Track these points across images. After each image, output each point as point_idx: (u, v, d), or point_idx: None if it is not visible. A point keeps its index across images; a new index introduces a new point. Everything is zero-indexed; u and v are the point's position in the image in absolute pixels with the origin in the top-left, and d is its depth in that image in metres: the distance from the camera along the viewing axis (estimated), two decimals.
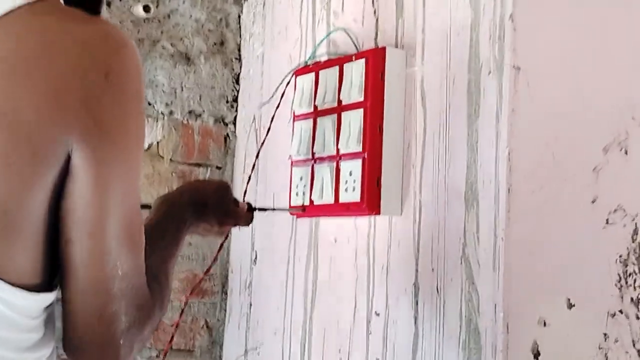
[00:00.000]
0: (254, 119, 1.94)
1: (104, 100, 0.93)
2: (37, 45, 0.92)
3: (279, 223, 1.80)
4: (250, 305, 1.89)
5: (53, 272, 0.97)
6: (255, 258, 1.88)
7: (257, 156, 1.71)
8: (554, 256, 1.33)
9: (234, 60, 2.01)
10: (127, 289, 0.98)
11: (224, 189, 1.41)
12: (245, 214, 1.43)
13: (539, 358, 1.30)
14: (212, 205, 1.36)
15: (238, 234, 1.91)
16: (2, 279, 0.91)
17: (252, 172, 1.71)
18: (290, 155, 1.75)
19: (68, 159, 0.92)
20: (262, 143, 1.70)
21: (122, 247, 0.96)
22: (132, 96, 0.97)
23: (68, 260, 0.95)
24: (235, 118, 2.01)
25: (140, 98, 0.98)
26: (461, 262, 1.36)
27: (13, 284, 0.92)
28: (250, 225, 1.47)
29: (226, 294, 1.97)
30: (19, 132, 0.90)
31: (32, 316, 0.95)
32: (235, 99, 2.01)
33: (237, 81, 2.01)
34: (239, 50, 2.01)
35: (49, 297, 0.96)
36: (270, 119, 1.70)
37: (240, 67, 2.01)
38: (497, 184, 1.31)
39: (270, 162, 1.82)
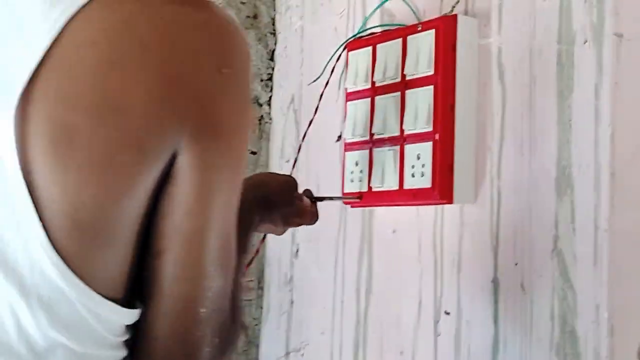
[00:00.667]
0: (293, 99, 1.78)
1: (218, 97, 0.81)
2: (149, 31, 0.78)
3: (325, 213, 1.64)
4: (292, 302, 1.73)
5: (132, 289, 0.82)
6: (297, 251, 1.72)
7: (303, 138, 1.55)
8: None
9: (268, 35, 1.85)
10: (215, 312, 0.84)
11: (291, 184, 1.27)
12: (310, 211, 1.30)
13: None
14: (279, 203, 1.23)
15: None
16: (92, 289, 0.77)
17: (298, 155, 1.55)
18: (340, 138, 1.60)
19: (172, 160, 0.79)
20: (310, 123, 1.53)
21: (217, 264, 0.83)
22: (245, 93, 0.85)
23: (157, 274, 0.82)
24: (270, 99, 1.85)
25: (251, 96, 0.84)
26: (552, 257, 1.21)
27: (103, 296, 0.78)
28: None
29: (262, 289, 1.81)
30: (125, 129, 0.76)
31: (117, 333, 0.79)
32: (270, 78, 1.84)
33: (272, 58, 1.85)
34: (274, 24, 1.85)
35: (135, 314, 0.81)
36: (318, 98, 1.54)
37: (276, 43, 1.84)
38: (597, 168, 1.16)
39: (312, 147, 1.66)
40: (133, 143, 0.78)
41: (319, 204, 1.36)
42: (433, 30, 1.34)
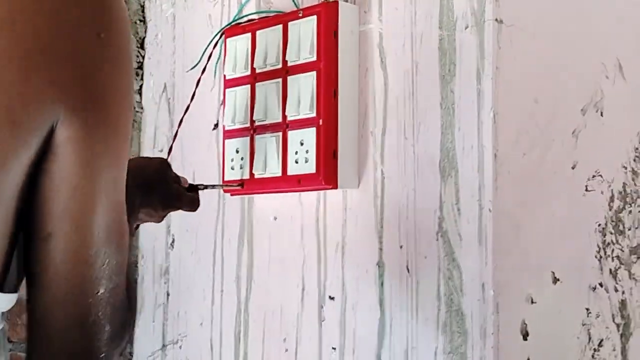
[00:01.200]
0: (165, 87, 1.75)
1: (98, 63, 0.76)
2: None
3: (203, 201, 1.61)
4: (168, 294, 1.70)
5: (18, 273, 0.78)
6: (173, 242, 1.69)
7: (179, 125, 1.52)
8: (539, 227, 1.23)
9: (138, 22, 1.80)
10: (112, 291, 0.80)
11: (166, 166, 1.27)
12: (189, 196, 1.31)
13: (528, 339, 1.20)
14: (157, 185, 1.23)
15: None
16: None
17: (173, 143, 1.53)
18: (216, 127, 1.58)
19: (50, 134, 0.74)
20: (186, 111, 1.51)
21: (110, 241, 0.79)
22: (127, 59, 0.79)
23: (48, 258, 0.77)
24: (140, 87, 1.81)
25: (132, 64, 0.80)
26: (437, 238, 1.23)
27: None
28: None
29: (136, 282, 1.77)
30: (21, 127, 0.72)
31: None
32: (141, 66, 1.80)
33: (142, 46, 1.81)
34: (143, 11, 1.81)
35: (12, 299, 0.77)
36: (194, 85, 1.51)
37: (146, 31, 1.81)
38: (480, 150, 1.19)
39: (187, 136, 1.63)
40: (5, 117, 0.72)
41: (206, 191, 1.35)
42: (315, 17, 1.34)
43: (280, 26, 1.40)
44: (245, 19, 1.50)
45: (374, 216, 1.32)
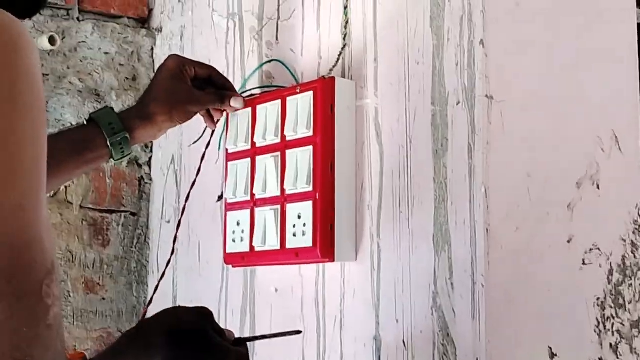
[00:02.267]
0: (173, 159, 1.77)
1: None
2: None
3: (206, 273, 1.64)
4: None
5: None
6: None
7: (187, 199, 1.53)
8: (534, 301, 1.22)
9: None
10: None
11: (206, 317, 1.07)
12: (235, 351, 1.06)
13: None
14: (192, 340, 1.02)
15: (154, 283, 1.72)
16: None
17: (182, 216, 1.54)
18: (220, 198, 1.60)
19: None
20: (193, 184, 1.52)
21: None
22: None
23: None
24: (150, 159, 1.84)
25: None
26: (432, 312, 1.23)
27: None
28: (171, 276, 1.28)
29: None
30: None
31: None
32: None
33: None
34: None
35: None
36: (199, 158, 1.53)
37: None
38: (473, 224, 1.19)
39: (192, 207, 1.65)
40: None
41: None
42: (311, 92, 1.36)
43: (279, 101, 1.42)
44: (248, 93, 1.53)
45: (370, 289, 1.32)
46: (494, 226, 1.18)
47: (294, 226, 1.36)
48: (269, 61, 1.54)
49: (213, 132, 1.54)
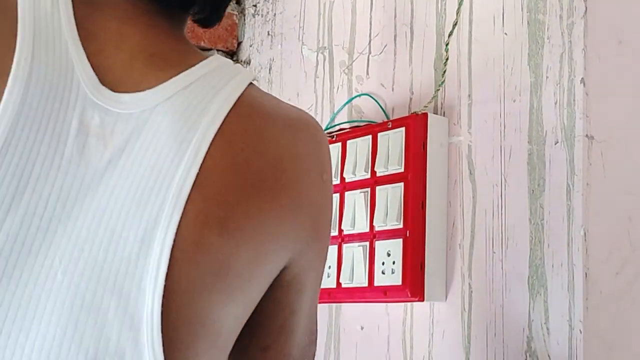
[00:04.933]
0: None
1: (322, 203, 0.87)
2: (272, 159, 0.82)
3: None
4: None
5: None
6: None
7: None
8: (634, 350, 1.18)
9: None
10: None
11: None
12: None
13: None
14: None
15: None
16: None
17: None
18: None
19: (282, 269, 0.85)
20: None
21: (311, 339, 0.97)
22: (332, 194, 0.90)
23: (286, 334, 0.91)
24: None
25: None
26: (526, 357, 1.20)
27: None
28: None
29: None
30: (262, 250, 0.80)
31: None
32: None
33: None
34: None
35: None
36: None
37: None
38: (570, 268, 1.16)
39: None
40: (275, 262, 0.82)
41: None
42: (403, 128, 1.35)
43: (370, 136, 1.41)
44: (337, 127, 1.52)
45: (461, 331, 1.29)
46: (593, 270, 1.15)
47: (383, 263, 1.34)
48: (359, 95, 1.53)
49: None
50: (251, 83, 0.84)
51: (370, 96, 1.51)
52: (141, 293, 0.73)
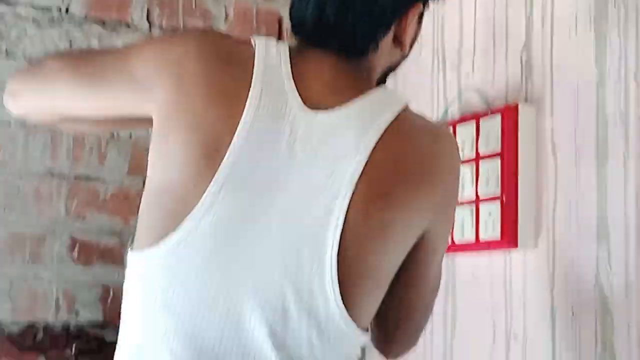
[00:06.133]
0: None
1: (456, 193, 1.32)
2: (424, 156, 1.26)
3: None
4: None
5: None
6: None
7: None
8: None
9: None
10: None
11: None
12: None
13: None
14: None
15: None
16: (361, 329, 1.22)
17: None
18: None
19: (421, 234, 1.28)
20: None
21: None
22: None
23: (413, 298, 1.37)
24: None
25: None
26: (595, 289, 1.56)
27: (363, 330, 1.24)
28: None
29: None
30: (413, 224, 1.25)
31: (358, 354, 1.27)
32: None
33: None
34: None
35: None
36: None
37: None
38: (626, 219, 1.52)
39: None
40: (417, 230, 1.25)
41: None
42: (499, 115, 1.73)
43: (474, 122, 1.79)
44: (449, 116, 1.91)
45: (547, 271, 1.67)
46: None
47: (486, 222, 1.73)
48: (465, 90, 1.91)
49: None
50: (406, 105, 1.25)
51: (475, 89, 1.88)
52: (326, 243, 1.16)
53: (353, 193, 1.17)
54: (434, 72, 2.04)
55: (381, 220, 1.19)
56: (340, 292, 1.16)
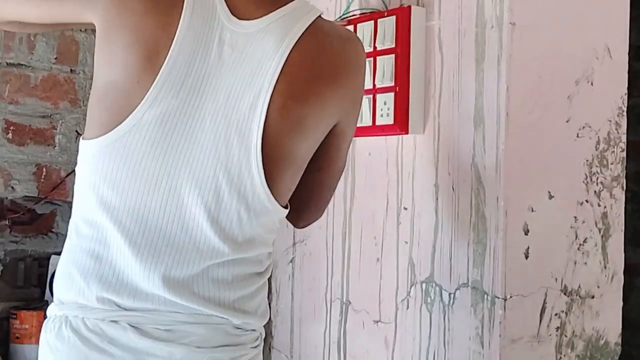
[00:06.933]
0: None
1: (362, 88, 1.54)
2: (335, 56, 1.48)
3: None
4: None
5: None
6: None
7: None
8: (539, 161, 1.83)
9: None
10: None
11: None
12: None
13: (528, 234, 1.81)
14: None
15: None
16: (281, 205, 1.46)
17: None
18: None
19: (333, 127, 1.52)
20: None
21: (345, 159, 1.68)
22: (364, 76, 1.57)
23: (318, 179, 1.61)
24: None
25: None
26: (471, 168, 1.86)
27: (283, 206, 1.48)
28: None
29: None
30: (328, 114, 1.49)
31: (277, 226, 1.52)
32: None
33: None
34: None
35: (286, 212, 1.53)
36: None
37: None
38: (498, 110, 1.80)
39: None
40: (329, 121, 1.48)
41: None
42: (394, 16, 1.97)
43: (373, 21, 2.03)
44: (351, 14, 2.14)
45: (432, 153, 1.95)
46: (512, 111, 1.79)
47: (381, 109, 1.99)
48: None
49: None
50: (320, 16, 1.47)
51: None
52: (252, 133, 1.40)
53: (273, 90, 1.40)
54: None
55: (298, 113, 1.43)
56: (265, 174, 1.41)
